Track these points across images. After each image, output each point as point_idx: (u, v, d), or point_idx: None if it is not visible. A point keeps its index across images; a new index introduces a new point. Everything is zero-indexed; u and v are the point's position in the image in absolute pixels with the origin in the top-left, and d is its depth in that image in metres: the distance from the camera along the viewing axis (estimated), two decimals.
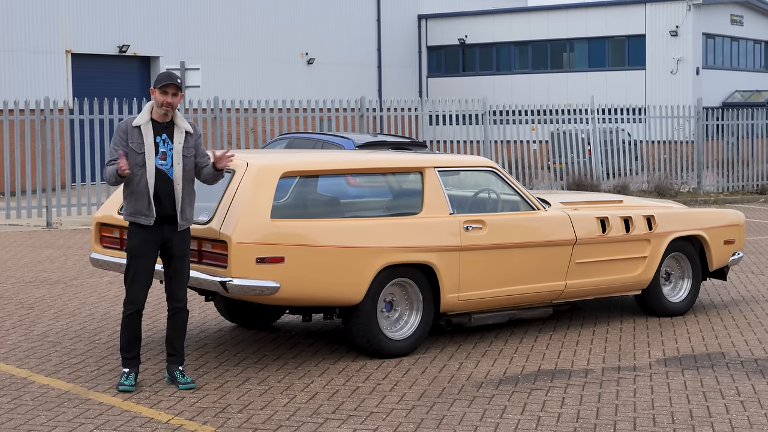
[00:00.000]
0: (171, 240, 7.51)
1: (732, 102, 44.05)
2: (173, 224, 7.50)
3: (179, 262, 7.58)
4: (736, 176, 27.68)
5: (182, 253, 7.58)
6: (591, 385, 7.70)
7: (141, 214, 7.43)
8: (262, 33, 39.63)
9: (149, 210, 7.40)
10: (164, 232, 7.48)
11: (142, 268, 7.50)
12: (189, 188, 7.53)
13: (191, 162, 7.54)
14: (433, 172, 8.87)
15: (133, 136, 7.42)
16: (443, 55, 48.03)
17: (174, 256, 7.55)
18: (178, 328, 7.65)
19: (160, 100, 7.44)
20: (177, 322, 7.65)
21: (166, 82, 7.45)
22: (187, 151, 7.50)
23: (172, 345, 7.67)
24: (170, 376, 7.66)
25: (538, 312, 9.62)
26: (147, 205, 7.40)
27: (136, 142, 7.40)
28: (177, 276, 7.60)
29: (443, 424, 6.76)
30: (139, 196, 7.41)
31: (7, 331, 9.67)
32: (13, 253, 15.55)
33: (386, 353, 8.48)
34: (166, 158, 7.43)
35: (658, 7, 43.38)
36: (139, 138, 7.41)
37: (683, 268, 10.47)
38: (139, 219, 7.44)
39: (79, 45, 34.24)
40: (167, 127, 7.49)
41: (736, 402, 7.26)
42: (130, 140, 7.40)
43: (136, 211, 7.44)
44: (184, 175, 7.47)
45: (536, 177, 26.18)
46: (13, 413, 6.96)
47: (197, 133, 7.63)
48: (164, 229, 7.47)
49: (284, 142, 17.87)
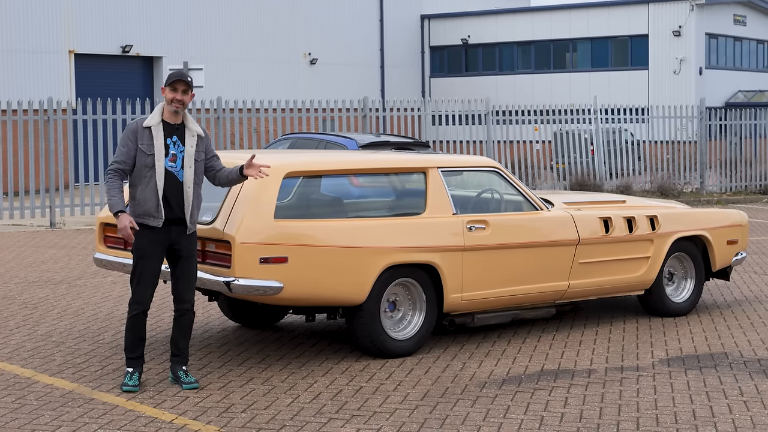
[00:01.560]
0: (179, 241, 7.50)
1: (735, 102, 44.03)
2: (181, 226, 7.48)
3: (187, 263, 7.57)
4: (739, 176, 27.67)
5: (190, 254, 7.57)
6: (594, 385, 7.71)
7: (150, 215, 7.39)
8: (265, 33, 39.66)
9: (158, 212, 7.38)
10: (171, 234, 7.46)
11: (148, 268, 7.48)
12: (197, 191, 7.52)
13: (202, 166, 7.53)
14: (437, 172, 8.88)
15: (143, 137, 7.38)
16: (446, 55, 48.04)
17: (182, 257, 7.54)
18: (184, 329, 7.66)
19: (170, 97, 7.42)
20: (183, 323, 7.65)
21: (175, 78, 7.44)
22: (198, 155, 7.50)
23: (177, 345, 7.67)
24: (174, 376, 7.67)
25: (541, 312, 9.63)
26: (156, 206, 7.37)
27: (146, 143, 7.37)
28: (185, 277, 7.60)
29: (446, 423, 6.77)
30: (148, 197, 7.37)
31: (11, 330, 9.68)
32: (17, 253, 15.57)
33: (389, 353, 8.49)
34: (176, 160, 7.41)
35: (661, 7, 43.37)
36: (149, 139, 7.37)
37: (686, 268, 10.48)
38: (148, 221, 7.40)
39: (82, 45, 34.28)
40: (178, 129, 7.46)
41: (739, 402, 7.26)
42: (140, 141, 7.37)
43: (145, 212, 7.40)
44: (194, 179, 7.46)
45: (539, 177, 26.19)
46: (18, 413, 6.98)
47: (208, 139, 7.64)
48: (171, 230, 7.45)
49: (287, 143, 17.88)
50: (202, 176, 7.58)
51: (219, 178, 7.67)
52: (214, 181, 7.70)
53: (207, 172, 7.64)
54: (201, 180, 7.55)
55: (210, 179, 7.68)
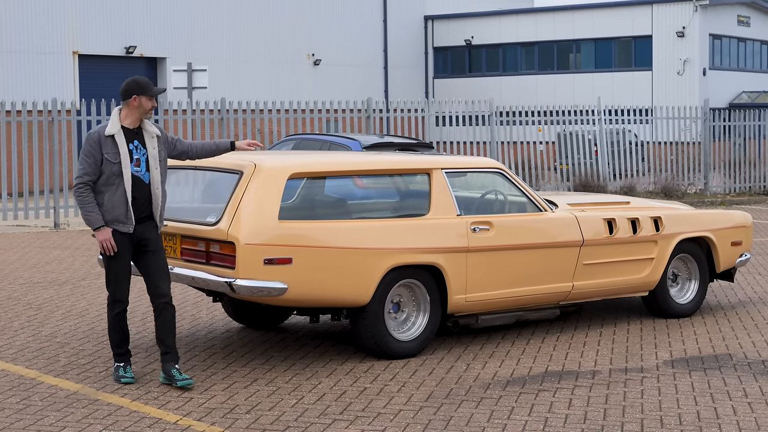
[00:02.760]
0: (147, 237, 7.66)
1: (739, 103, 44.01)
2: (147, 222, 7.65)
3: (157, 256, 7.72)
4: (743, 177, 27.65)
5: (158, 248, 7.74)
6: (598, 387, 7.71)
7: (119, 221, 7.55)
8: (268, 34, 39.67)
9: (127, 218, 7.54)
10: (137, 232, 7.62)
11: (123, 267, 7.65)
12: (163, 189, 7.73)
13: (165, 164, 7.75)
14: (441, 173, 8.88)
15: (107, 145, 7.51)
16: (449, 56, 48.04)
17: (150, 252, 7.69)
18: (168, 324, 7.70)
19: (148, 106, 7.61)
20: (166, 318, 7.70)
21: (157, 91, 7.68)
22: (161, 155, 7.69)
23: (165, 343, 7.72)
24: (167, 376, 7.70)
25: (545, 313, 9.63)
26: (125, 213, 7.53)
27: (111, 151, 7.50)
28: (159, 271, 7.70)
29: (451, 425, 6.77)
30: (117, 204, 7.52)
31: (16, 331, 9.69)
32: (21, 254, 15.58)
33: (394, 354, 8.49)
34: (140, 165, 7.59)
35: (664, 8, 43.35)
36: (113, 147, 7.51)
37: (690, 269, 10.47)
38: (118, 226, 7.55)
39: (86, 46, 34.31)
40: (137, 133, 7.64)
41: (743, 403, 7.26)
42: (104, 150, 7.50)
43: (114, 218, 7.54)
44: (160, 179, 7.66)
45: (543, 178, 26.18)
46: (22, 414, 6.99)
47: (164, 133, 7.82)
48: (136, 229, 7.62)
49: (291, 144, 17.89)
50: (166, 174, 7.81)
51: (192, 152, 7.92)
52: (190, 158, 7.96)
53: (180, 156, 7.90)
54: (165, 178, 7.76)
55: (188, 155, 7.92)
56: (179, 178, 8.86)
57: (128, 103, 7.60)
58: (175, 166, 8.54)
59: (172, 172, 8.68)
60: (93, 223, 7.50)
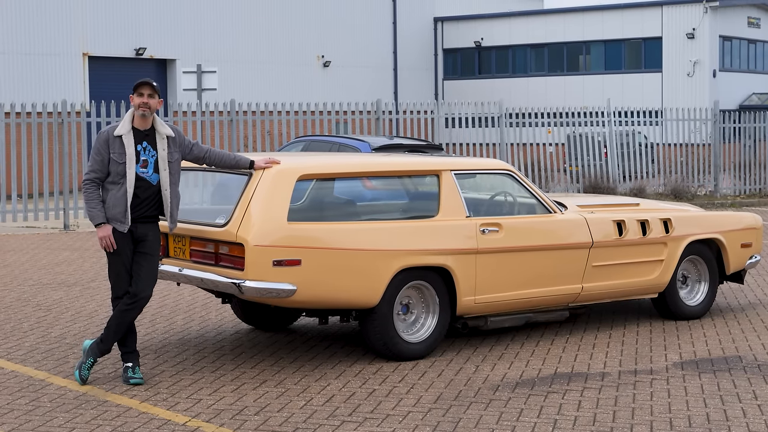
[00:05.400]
0: (146, 238, 7.71)
1: (749, 104, 43.92)
2: (149, 223, 7.71)
3: (151, 259, 7.76)
4: (753, 179, 27.59)
5: (154, 252, 7.79)
6: (607, 389, 7.69)
7: (117, 220, 7.62)
8: (278, 36, 39.71)
9: (125, 218, 7.60)
10: (138, 231, 7.67)
11: (124, 264, 7.70)
12: (175, 191, 7.75)
13: (177, 165, 7.76)
14: (450, 175, 8.87)
15: (115, 145, 7.59)
16: (459, 58, 48.03)
17: (145, 254, 7.73)
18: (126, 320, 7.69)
19: (137, 102, 7.64)
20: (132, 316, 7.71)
21: (140, 82, 7.68)
22: (172, 156, 7.71)
23: (109, 330, 7.75)
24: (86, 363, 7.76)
25: (555, 315, 9.61)
26: (123, 212, 7.60)
27: (118, 151, 7.57)
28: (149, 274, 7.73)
29: (459, 426, 6.76)
30: (117, 203, 7.60)
31: (25, 333, 9.71)
32: (31, 255, 15.62)
33: (402, 356, 8.49)
34: (147, 166, 7.63)
35: (674, 10, 43.30)
36: (120, 148, 7.58)
37: (700, 271, 10.45)
38: (116, 225, 7.63)
39: (96, 48, 34.38)
40: (148, 134, 7.68)
41: (753, 406, 7.24)
42: (111, 150, 7.58)
43: (113, 217, 7.62)
44: (170, 180, 7.68)
45: (552, 180, 26.15)
46: (31, 415, 7.00)
47: (180, 135, 7.83)
48: (138, 227, 7.67)
49: (300, 145, 17.88)
50: (179, 175, 7.81)
51: (209, 159, 7.98)
52: (206, 164, 8.04)
53: (195, 161, 7.99)
54: (178, 179, 7.78)
55: (207, 161, 7.99)
56: (188, 179, 8.87)
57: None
58: (183, 168, 8.54)
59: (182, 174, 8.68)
60: (94, 219, 7.62)
